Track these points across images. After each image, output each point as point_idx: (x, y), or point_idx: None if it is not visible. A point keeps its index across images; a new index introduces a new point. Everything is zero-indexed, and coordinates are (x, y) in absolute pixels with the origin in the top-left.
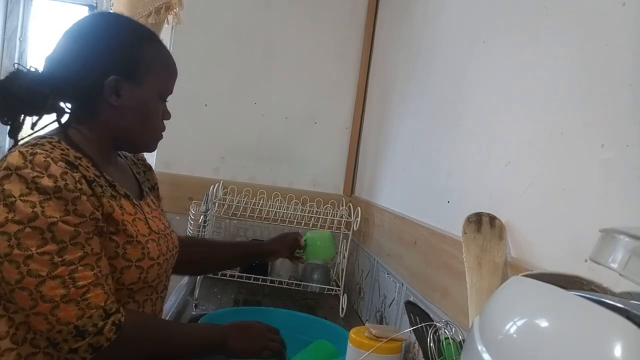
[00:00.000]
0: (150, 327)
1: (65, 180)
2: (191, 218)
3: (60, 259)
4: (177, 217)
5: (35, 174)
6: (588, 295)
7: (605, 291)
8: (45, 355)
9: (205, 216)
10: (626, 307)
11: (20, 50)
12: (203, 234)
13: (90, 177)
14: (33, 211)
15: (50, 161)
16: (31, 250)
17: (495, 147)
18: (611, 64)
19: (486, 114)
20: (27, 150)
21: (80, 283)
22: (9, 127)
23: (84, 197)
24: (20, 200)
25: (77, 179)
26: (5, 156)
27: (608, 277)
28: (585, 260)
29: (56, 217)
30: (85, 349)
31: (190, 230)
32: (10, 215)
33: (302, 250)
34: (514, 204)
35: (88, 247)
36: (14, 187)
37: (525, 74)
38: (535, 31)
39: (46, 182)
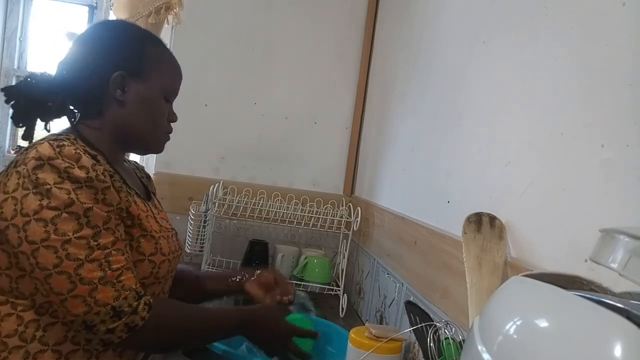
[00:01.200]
0: (177, 307)
1: (96, 172)
2: (191, 218)
3: (95, 243)
4: (177, 217)
5: (67, 164)
6: (588, 295)
7: (605, 291)
8: (53, 352)
9: (205, 216)
10: (626, 307)
11: (20, 50)
12: (203, 234)
13: (109, 171)
14: (69, 197)
15: (81, 153)
16: (69, 235)
17: (495, 147)
18: (611, 64)
19: (486, 114)
20: (54, 142)
21: (115, 266)
22: (23, 130)
23: (112, 188)
24: (56, 187)
25: (102, 171)
26: (32, 147)
27: (608, 277)
28: (585, 260)
29: (90, 204)
30: (121, 329)
31: (190, 230)
32: (45, 202)
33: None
34: (514, 204)
35: (118, 233)
36: (48, 176)
37: (525, 74)
38: (535, 31)
39: (78, 172)
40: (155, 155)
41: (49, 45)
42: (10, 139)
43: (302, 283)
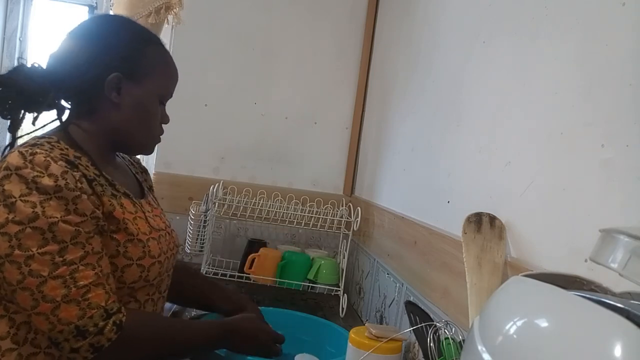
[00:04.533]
0: (152, 325)
1: (66, 180)
2: (191, 218)
3: (61, 259)
4: (177, 217)
5: (36, 173)
6: (588, 295)
7: (605, 291)
8: (46, 355)
9: (205, 216)
10: (626, 307)
11: (20, 50)
12: (203, 234)
13: (90, 175)
14: (33, 211)
15: (50, 160)
16: (32, 251)
17: (495, 147)
18: (611, 64)
19: (486, 114)
20: (27, 150)
21: (81, 283)
22: (9, 122)
23: (84, 196)
24: (21, 200)
25: (77, 178)
26: (5, 157)
27: (608, 277)
28: (585, 260)
29: (57, 217)
30: (86, 349)
31: (190, 230)
32: (11, 216)
33: None
34: (514, 204)
35: (89, 247)
36: (14, 188)
37: (525, 74)
38: (535, 31)
39: (46, 181)
40: (155, 155)
41: (49, 45)
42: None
43: (302, 284)
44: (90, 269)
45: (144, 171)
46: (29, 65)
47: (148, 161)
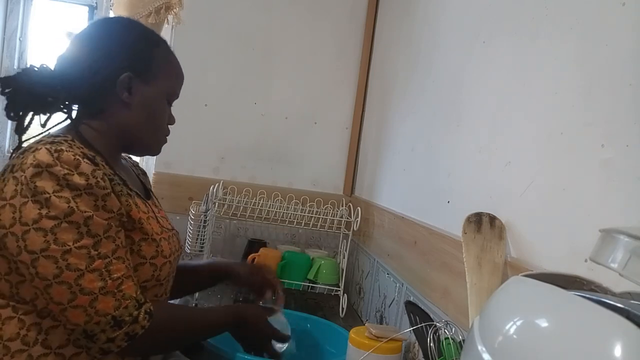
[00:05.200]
0: (175, 313)
1: (97, 178)
2: (191, 218)
3: (96, 252)
4: (177, 217)
5: (66, 171)
6: (588, 295)
7: (605, 291)
8: (56, 355)
9: (205, 216)
10: (626, 307)
11: (20, 50)
12: (203, 234)
13: (109, 174)
14: (69, 206)
15: (80, 159)
16: (69, 245)
17: (495, 147)
18: (611, 64)
19: (486, 114)
20: (52, 148)
21: (115, 275)
22: (16, 124)
23: (112, 194)
24: (55, 196)
25: (102, 176)
26: (29, 151)
27: (608, 277)
28: (585, 260)
29: (90, 212)
30: (121, 338)
31: (190, 230)
32: (44, 211)
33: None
34: (514, 204)
35: (118, 240)
36: (47, 184)
37: (525, 74)
38: (535, 31)
39: (77, 179)
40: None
41: (49, 45)
42: (10, 138)
43: (302, 284)
44: (121, 262)
45: (144, 173)
46: (37, 66)
47: (148, 161)
